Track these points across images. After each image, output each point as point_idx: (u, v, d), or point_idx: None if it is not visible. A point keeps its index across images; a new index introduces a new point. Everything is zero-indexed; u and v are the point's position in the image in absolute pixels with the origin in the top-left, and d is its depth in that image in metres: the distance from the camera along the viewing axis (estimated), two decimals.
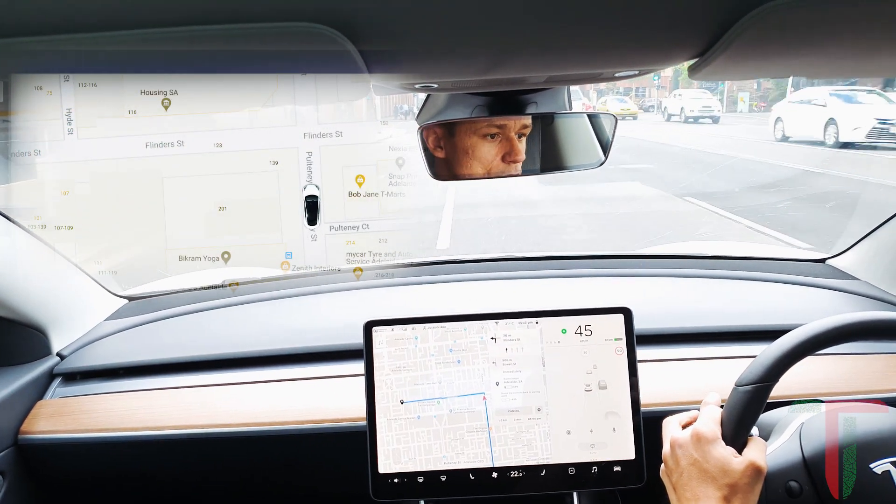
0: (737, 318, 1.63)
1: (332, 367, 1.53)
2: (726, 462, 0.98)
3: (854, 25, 0.68)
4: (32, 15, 0.58)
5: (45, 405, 1.48)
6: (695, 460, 1.01)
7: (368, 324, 1.30)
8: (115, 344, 1.66)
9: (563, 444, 1.27)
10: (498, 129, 1.29)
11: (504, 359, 1.29)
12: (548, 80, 1.07)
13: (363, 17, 0.61)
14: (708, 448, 1.00)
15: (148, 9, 0.58)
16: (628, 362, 1.28)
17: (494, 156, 1.30)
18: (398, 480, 1.27)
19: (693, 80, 0.85)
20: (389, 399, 1.28)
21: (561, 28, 0.68)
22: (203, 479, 1.51)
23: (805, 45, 0.75)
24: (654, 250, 2.22)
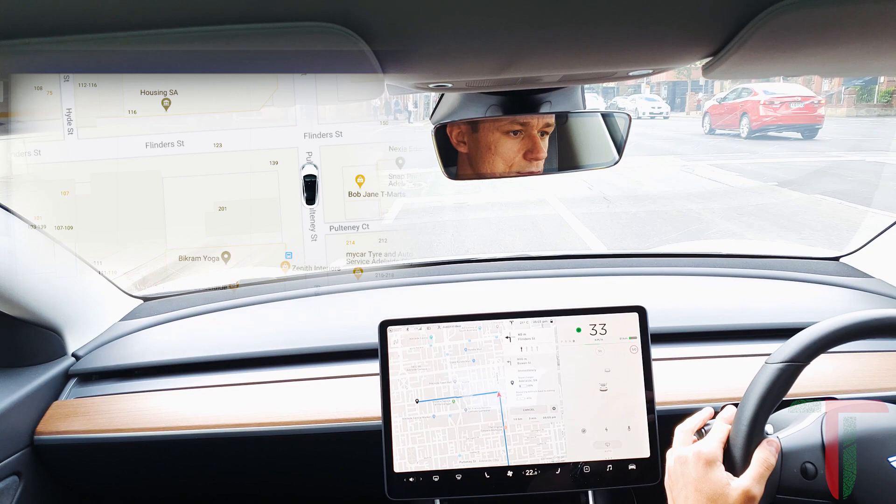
0: (751, 317, 1.62)
1: (347, 366, 1.52)
2: (721, 487, 0.98)
3: (867, 24, 0.68)
4: (34, 16, 0.58)
5: (60, 406, 1.49)
6: (692, 479, 1.01)
7: (383, 323, 1.31)
8: (131, 344, 1.66)
9: (577, 442, 1.27)
10: (521, 126, 1.29)
11: (519, 358, 1.29)
12: (562, 80, 1.07)
13: (377, 18, 0.61)
14: (707, 470, 1.00)
15: (161, 9, 0.58)
16: (643, 361, 1.28)
17: (517, 152, 1.31)
18: (413, 479, 1.27)
19: (707, 78, 0.84)
20: (404, 398, 1.28)
21: (575, 28, 0.67)
22: (218, 479, 1.51)
23: (818, 43, 0.74)
24: (668, 249, 2.21)
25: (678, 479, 1.04)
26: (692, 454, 1.03)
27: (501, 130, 1.29)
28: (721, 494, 0.97)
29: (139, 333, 1.71)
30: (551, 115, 1.32)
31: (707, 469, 1.00)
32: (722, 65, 0.76)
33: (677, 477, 1.04)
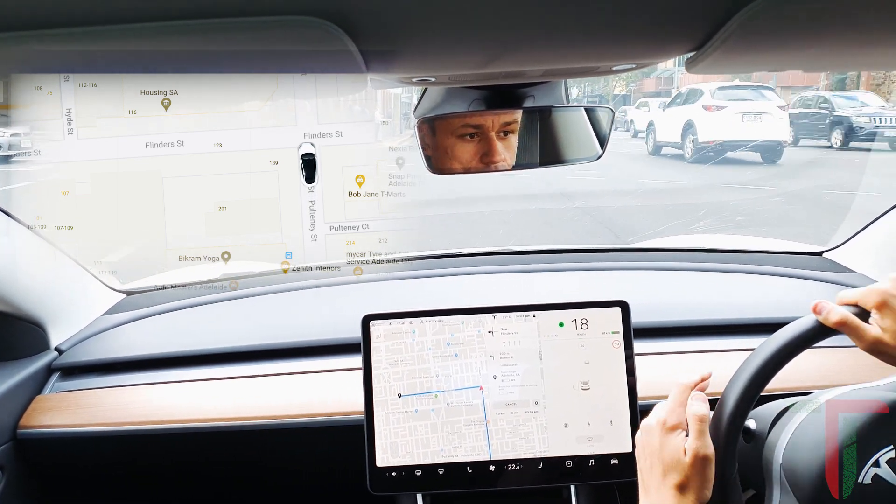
0: (734, 311, 1.63)
1: (330, 361, 1.53)
2: (677, 455, 0.97)
3: (851, 18, 0.68)
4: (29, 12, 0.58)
5: (43, 399, 1.48)
6: (655, 449, 1.00)
7: (366, 318, 1.30)
8: (114, 339, 1.66)
9: (560, 437, 1.27)
10: (475, 128, 1.27)
11: (501, 352, 1.30)
12: (545, 74, 1.07)
13: (361, 12, 0.61)
14: (666, 438, 0.99)
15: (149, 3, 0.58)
16: (625, 355, 1.29)
17: (472, 156, 1.29)
18: (396, 474, 1.27)
19: (690, 73, 0.85)
20: (387, 393, 1.28)
21: (558, 22, 0.68)
22: (201, 472, 1.51)
23: (802, 38, 0.75)
24: (652, 243, 2.22)
25: (643, 448, 1.03)
26: (655, 422, 1.02)
27: (455, 134, 1.27)
28: (677, 461, 0.96)
29: (122, 328, 1.70)
30: (510, 114, 1.30)
31: (667, 437, 0.99)
32: (706, 59, 0.76)
33: (643, 447, 1.03)
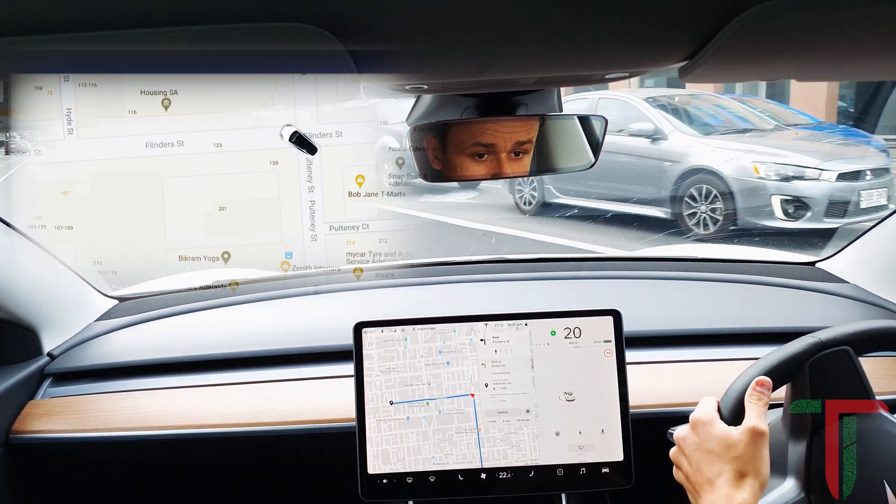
0: (726, 321, 1.64)
1: (322, 368, 1.52)
2: (727, 437, 0.97)
3: (844, 28, 0.68)
4: (31, 14, 0.58)
5: (35, 405, 1.47)
6: (698, 445, 1.00)
7: (358, 325, 1.30)
8: (106, 344, 1.65)
9: (551, 445, 1.27)
10: (486, 148, 1.24)
11: (493, 360, 1.29)
12: (538, 82, 1.07)
13: (352, 17, 0.61)
14: (708, 430, 1.00)
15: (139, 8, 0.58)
16: (617, 365, 1.28)
17: (480, 176, 1.29)
18: (387, 481, 1.26)
19: (683, 82, 0.85)
20: (379, 400, 1.28)
21: (551, 29, 0.68)
22: (193, 479, 1.50)
23: (795, 47, 0.74)
24: (644, 252, 2.23)
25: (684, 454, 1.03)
26: (689, 425, 1.03)
27: (466, 153, 1.25)
28: (731, 443, 0.96)
29: (115, 333, 1.69)
30: (525, 131, 1.29)
31: (708, 429, 0.99)
32: (699, 68, 0.75)
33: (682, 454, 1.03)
